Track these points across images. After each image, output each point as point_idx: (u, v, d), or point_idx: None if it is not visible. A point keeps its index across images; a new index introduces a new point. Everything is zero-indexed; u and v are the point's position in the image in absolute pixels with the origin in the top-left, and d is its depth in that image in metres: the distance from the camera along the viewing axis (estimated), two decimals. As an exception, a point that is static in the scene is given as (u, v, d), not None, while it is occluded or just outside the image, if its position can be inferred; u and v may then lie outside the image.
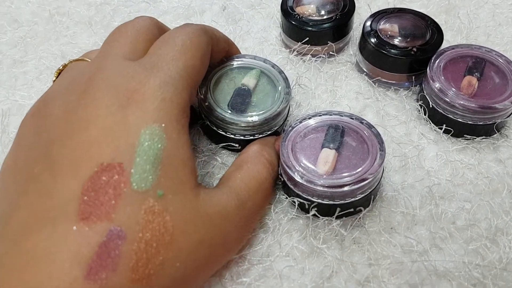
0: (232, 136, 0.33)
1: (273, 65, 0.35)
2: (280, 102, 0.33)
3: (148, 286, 0.23)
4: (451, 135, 0.35)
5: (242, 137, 0.33)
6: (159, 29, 0.31)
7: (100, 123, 0.24)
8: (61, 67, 0.31)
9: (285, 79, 0.34)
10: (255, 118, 0.32)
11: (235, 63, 0.35)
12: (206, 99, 0.33)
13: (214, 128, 0.33)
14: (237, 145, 0.34)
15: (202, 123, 0.35)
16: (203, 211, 0.25)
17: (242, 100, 0.33)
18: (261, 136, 0.33)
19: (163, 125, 0.25)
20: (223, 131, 0.33)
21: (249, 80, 0.34)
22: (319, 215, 0.30)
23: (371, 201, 0.31)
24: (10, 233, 0.23)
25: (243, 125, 0.32)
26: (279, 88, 0.34)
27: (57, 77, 0.31)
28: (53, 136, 0.25)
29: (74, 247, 0.22)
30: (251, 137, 0.33)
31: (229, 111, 0.32)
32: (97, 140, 0.24)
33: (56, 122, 0.26)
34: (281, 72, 0.35)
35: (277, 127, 0.34)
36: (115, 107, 0.25)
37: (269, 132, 0.33)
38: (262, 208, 0.31)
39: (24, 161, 0.26)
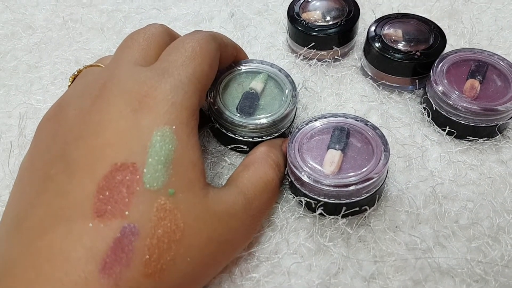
0: (240, 138, 0.34)
1: (280, 69, 0.36)
2: (287, 104, 0.34)
3: (160, 281, 0.24)
4: (454, 137, 0.36)
5: (250, 139, 0.34)
6: (170, 36, 0.32)
7: (114, 126, 0.26)
8: (75, 73, 0.32)
9: (292, 83, 0.35)
10: (263, 121, 0.33)
11: (243, 68, 0.36)
12: (216, 103, 0.34)
13: (223, 130, 0.34)
14: (245, 147, 0.35)
15: (211, 126, 0.36)
16: (212, 209, 0.26)
17: (250, 103, 0.34)
18: (268, 138, 0.34)
19: (174, 127, 0.26)
20: (232, 133, 0.34)
21: (256, 84, 0.35)
22: (325, 214, 0.31)
23: (376, 201, 0.32)
24: (26, 232, 0.24)
25: (251, 127, 0.33)
26: (286, 91, 0.35)
27: (72, 82, 0.32)
28: (68, 139, 0.26)
29: (89, 243, 0.23)
30: (259, 139, 0.34)
31: (238, 114, 0.34)
32: (111, 142, 0.25)
33: (71, 126, 0.27)
34: (287, 76, 0.36)
35: (284, 129, 0.35)
36: (127, 111, 0.26)
37: (277, 134, 0.34)
38: (268, 208, 0.32)
39: (40, 163, 0.27)
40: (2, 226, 0.26)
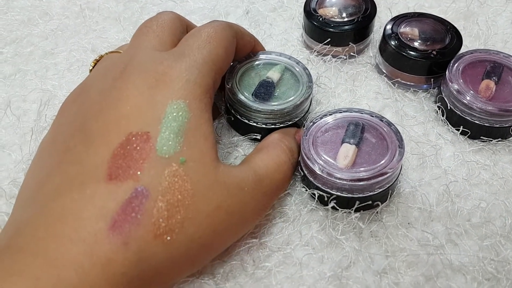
0: (254, 124, 0.35)
1: (298, 62, 0.37)
2: (302, 94, 0.35)
3: (169, 242, 0.24)
4: (467, 137, 0.36)
5: (264, 125, 0.34)
6: (181, 22, 0.33)
7: (131, 101, 0.27)
8: (98, 58, 0.33)
9: (309, 75, 0.36)
10: (278, 107, 0.34)
11: (261, 58, 0.37)
12: (232, 88, 0.35)
13: (238, 116, 0.35)
14: (259, 136, 0.35)
15: (228, 117, 0.36)
16: (222, 180, 0.27)
17: (265, 90, 0.35)
18: (282, 126, 0.35)
19: (187, 101, 0.27)
20: (246, 119, 0.35)
21: (273, 74, 0.36)
22: (338, 208, 0.31)
23: (389, 196, 0.32)
24: (41, 197, 0.25)
25: (265, 112, 0.34)
26: (302, 82, 0.35)
27: (93, 67, 0.33)
28: (88, 115, 0.27)
29: (100, 203, 0.24)
30: (273, 126, 0.35)
31: (253, 100, 0.34)
32: (126, 114, 0.26)
33: (92, 103, 0.28)
34: (305, 68, 0.36)
35: (297, 118, 0.35)
36: (144, 87, 0.27)
37: (290, 123, 0.35)
38: (280, 189, 0.32)
39: (61, 138, 0.28)
40: (20, 196, 0.27)
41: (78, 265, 0.22)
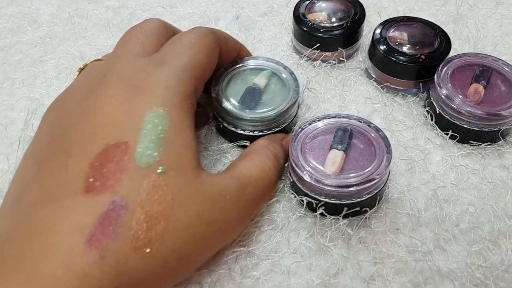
0: (241, 132, 0.34)
1: (285, 67, 0.36)
2: (289, 99, 0.34)
3: (147, 255, 0.24)
4: (457, 141, 0.36)
5: (251, 133, 0.34)
6: (167, 29, 0.33)
7: (108, 109, 0.26)
8: (82, 66, 0.32)
9: (295, 80, 0.35)
10: (263, 115, 0.34)
11: (248, 64, 0.37)
12: (218, 97, 0.34)
13: (225, 124, 0.35)
14: (248, 142, 0.35)
15: (216, 124, 0.36)
16: (203, 189, 0.27)
17: (252, 97, 0.35)
18: (269, 132, 0.35)
19: (167, 109, 0.27)
20: (233, 127, 0.35)
21: (260, 80, 0.36)
22: (326, 214, 0.31)
23: (377, 202, 0.32)
24: (20, 209, 0.25)
25: (252, 120, 0.34)
26: (289, 87, 0.35)
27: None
28: (67, 124, 0.27)
29: (77, 217, 0.23)
30: (260, 133, 0.34)
31: (239, 107, 0.34)
32: (104, 123, 0.26)
33: (70, 113, 0.28)
34: (292, 73, 0.36)
35: (285, 124, 0.35)
36: (123, 95, 0.27)
37: (277, 129, 0.35)
38: (264, 196, 0.31)
39: (40, 148, 0.27)
40: (2, 207, 0.27)
41: (56, 281, 0.22)
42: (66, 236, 0.23)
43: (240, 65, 0.37)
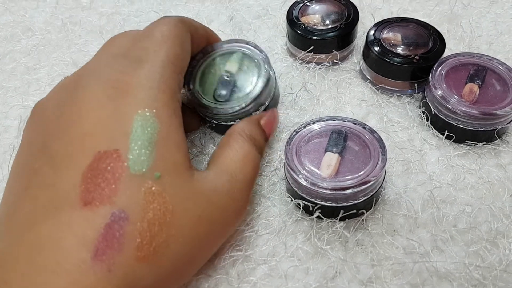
0: (234, 123, 0.34)
1: (255, 46, 0.36)
2: (261, 81, 0.34)
3: (154, 264, 0.24)
4: (453, 141, 0.36)
5: (234, 123, 0.34)
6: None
7: (92, 115, 0.26)
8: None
9: (265, 58, 0.35)
10: (238, 106, 0.33)
11: (218, 50, 0.36)
12: (194, 93, 0.34)
13: (215, 122, 0.35)
14: None
15: (209, 125, 0.36)
16: (199, 189, 0.26)
17: (225, 88, 0.34)
18: (258, 112, 0.35)
19: (154, 110, 0.26)
20: (223, 122, 0.34)
21: (231, 66, 0.35)
22: (323, 217, 0.31)
23: (373, 204, 0.32)
24: (14, 226, 0.24)
25: (229, 112, 0.34)
26: (261, 67, 0.35)
27: None
28: (48, 132, 0.26)
29: (79, 232, 0.23)
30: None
31: (214, 102, 0.34)
32: (91, 131, 0.25)
33: (49, 119, 0.27)
34: (261, 51, 0.36)
35: (264, 106, 0.35)
36: (104, 99, 0.26)
37: (264, 106, 0.35)
38: (253, 179, 0.31)
39: (24, 159, 0.27)
40: None
41: None
42: (72, 252, 0.22)
43: (210, 53, 0.36)
